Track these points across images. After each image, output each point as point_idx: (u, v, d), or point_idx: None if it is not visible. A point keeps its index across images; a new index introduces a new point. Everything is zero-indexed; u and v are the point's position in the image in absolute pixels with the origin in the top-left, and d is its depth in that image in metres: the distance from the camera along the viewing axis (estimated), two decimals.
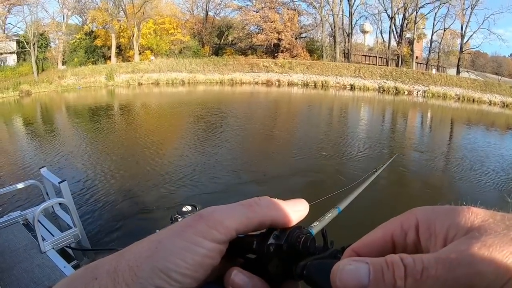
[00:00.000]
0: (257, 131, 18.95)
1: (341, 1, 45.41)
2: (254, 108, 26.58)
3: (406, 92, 36.47)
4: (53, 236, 5.27)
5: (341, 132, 19.35)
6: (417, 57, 45.76)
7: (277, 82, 41.16)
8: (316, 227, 2.37)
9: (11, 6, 37.68)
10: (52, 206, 5.90)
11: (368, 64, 45.21)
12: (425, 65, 45.43)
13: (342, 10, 46.19)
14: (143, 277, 0.37)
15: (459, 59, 42.69)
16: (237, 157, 13.67)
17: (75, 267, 4.94)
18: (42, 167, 6.19)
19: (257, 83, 41.38)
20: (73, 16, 45.27)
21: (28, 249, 4.88)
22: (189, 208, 4.69)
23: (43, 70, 38.06)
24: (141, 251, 0.39)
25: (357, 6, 46.79)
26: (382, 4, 44.33)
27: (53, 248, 5.00)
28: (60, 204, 5.94)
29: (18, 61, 39.47)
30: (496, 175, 12.25)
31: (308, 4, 46.83)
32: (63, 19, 43.52)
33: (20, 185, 6.11)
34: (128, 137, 16.54)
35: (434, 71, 39.88)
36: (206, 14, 49.08)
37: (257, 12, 46.02)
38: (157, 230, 0.46)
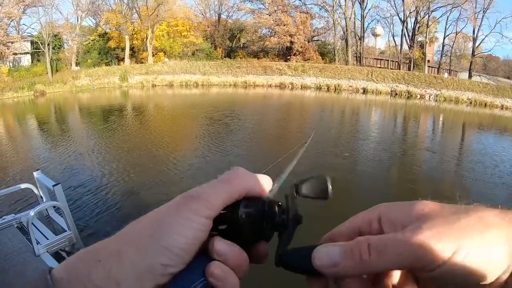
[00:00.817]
0: (273, 132, 19.16)
1: (353, 5, 45.29)
2: (269, 110, 26.52)
3: (418, 96, 36.04)
4: (48, 239, 5.28)
5: (355, 134, 19.40)
6: (429, 61, 45.27)
7: (290, 85, 41.02)
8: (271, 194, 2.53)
9: (26, 7, 38.33)
10: (46, 209, 5.92)
11: (380, 67, 44.88)
12: (437, 69, 44.93)
13: (354, 13, 46.08)
14: (149, 256, 0.38)
15: (471, 63, 42.11)
16: (255, 154, 14.08)
17: None
18: (36, 170, 6.23)
19: (270, 85, 41.37)
20: (87, 18, 46.14)
21: (22, 253, 4.88)
22: None
23: (57, 70, 38.60)
24: (143, 231, 0.41)
25: (369, 9, 46.84)
26: (394, 7, 44.23)
27: (47, 251, 5.00)
28: (54, 207, 5.95)
29: (32, 62, 40.14)
30: (510, 178, 12.27)
31: (320, 7, 46.87)
32: (77, 20, 44.35)
33: (13, 188, 6.13)
34: (140, 137, 16.64)
35: (446, 75, 39.33)
36: (219, 17, 49.44)
37: (269, 15, 46.06)
38: None
